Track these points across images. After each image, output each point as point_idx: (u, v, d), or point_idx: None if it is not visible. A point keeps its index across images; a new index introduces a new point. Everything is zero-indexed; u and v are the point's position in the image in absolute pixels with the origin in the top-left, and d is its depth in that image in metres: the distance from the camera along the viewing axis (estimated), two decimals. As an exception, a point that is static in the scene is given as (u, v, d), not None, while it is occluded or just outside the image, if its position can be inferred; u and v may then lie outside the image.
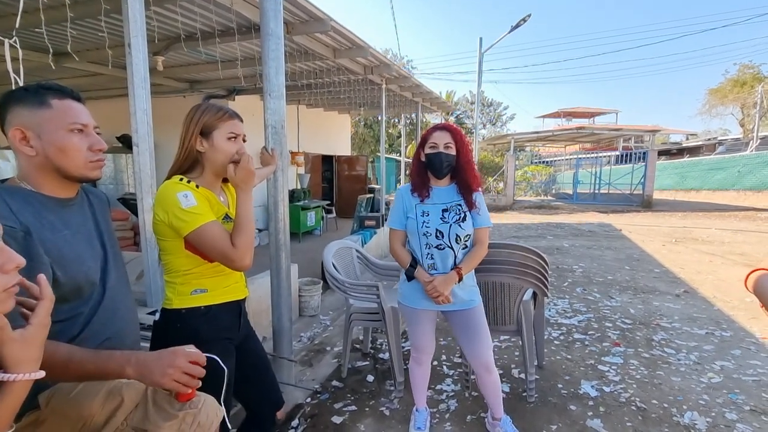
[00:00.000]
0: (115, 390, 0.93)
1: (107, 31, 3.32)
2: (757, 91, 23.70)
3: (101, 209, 1.11)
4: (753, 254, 6.25)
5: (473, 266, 1.79)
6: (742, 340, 3.14)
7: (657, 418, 2.15)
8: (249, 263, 1.22)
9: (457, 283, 1.74)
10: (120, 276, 1.06)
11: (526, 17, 11.17)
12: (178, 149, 1.28)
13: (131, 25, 2.00)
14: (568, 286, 4.64)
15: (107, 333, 0.98)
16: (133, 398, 0.95)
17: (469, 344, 1.85)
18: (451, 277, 1.72)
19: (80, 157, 0.97)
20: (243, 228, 1.21)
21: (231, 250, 1.17)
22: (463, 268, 1.74)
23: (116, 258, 1.06)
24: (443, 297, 1.71)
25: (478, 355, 1.83)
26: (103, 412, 0.91)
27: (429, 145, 1.76)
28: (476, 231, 1.79)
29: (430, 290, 1.72)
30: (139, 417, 0.94)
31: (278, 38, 2.07)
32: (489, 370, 1.84)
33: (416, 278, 1.78)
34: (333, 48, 4.90)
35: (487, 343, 1.83)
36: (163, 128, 3.54)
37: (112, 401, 0.92)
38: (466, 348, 1.87)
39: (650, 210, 13.59)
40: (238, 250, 1.18)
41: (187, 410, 0.95)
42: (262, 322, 3.16)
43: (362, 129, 21.74)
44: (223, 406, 1.04)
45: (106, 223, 1.09)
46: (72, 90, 0.99)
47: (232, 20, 3.70)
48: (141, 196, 2.14)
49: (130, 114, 2.04)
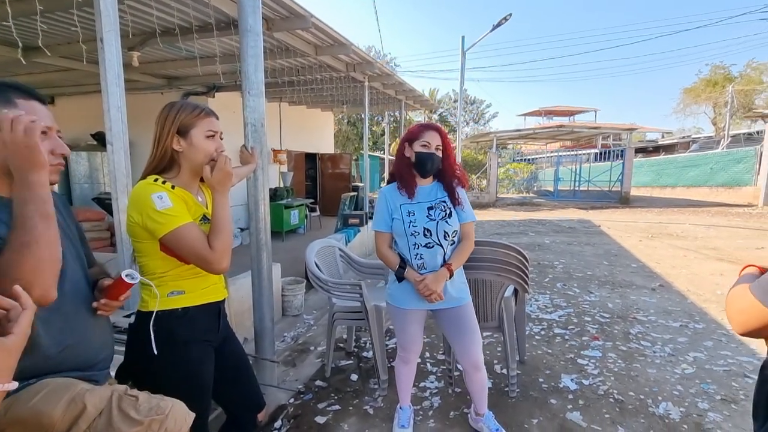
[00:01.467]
0: (78, 397, 0.90)
1: (80, 25, 3.20)
2: (727, 91, 24.58)
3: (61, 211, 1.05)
4: (725, 248, 6.48)
5: (462, 261, 1.80)
6: (714, 331, 3.26)
7: (633, 410, 2.21)
8: (226, 266, 1.20)
9: (448, 280, 1.75)
10: (80, 279, 1.02)
11: (507, 16, 11.29)
12: (152, 149, 1.25)
13: (103, 20, 1.93)
14: (549, 281, 4.73)
15: (67, 340, 0.95)
16: (97, 405, 0.92)
17: (459, 342, 1.85)
18: (442, 274, 1.72)
19: None
20: (220, 230, 1.19)
21: (208, 253, 1.15)
22: (452, 264, 1.74)
23: (76, 262, 1.02)
24: (435, 295, 1.71)
25: (468, 353, 1.84)
26: (65, 420, 0.88)
27: (421, 143, 1.74)
28: (462, 226, 1.80)
29: (422, 289, 1.71)
30: (102, 424, 0.91)
31: (257, 35, 2.03)
32: (477, 368, 1.86)
33: (406, 279, 1.77)
34: (315, 45, 4.86)
35: (477, 341, 1.84)
36: (140, 126, 3.44)
37: (74, 409, 0.89)
38: (456, 345, 1.88)
39: (628, 206, 13.97)
40: (215, 253, 1.16)
41: (153, 417, 0.93)
42: (245, 323, 3.12)
43: (346, 126, 21.66)
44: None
45: (68, 225, 1.05)
46: (37, 92, 0.95)
47: (210, 15, 3.62)
48: (116, 196, 2.08)
49: (104, 111, 1.97)
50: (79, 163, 6.75)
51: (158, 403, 0.98)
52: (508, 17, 10.96)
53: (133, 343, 1.25)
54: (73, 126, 7.64)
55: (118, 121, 2.01)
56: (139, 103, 4.75)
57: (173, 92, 6.79)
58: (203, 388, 1.27)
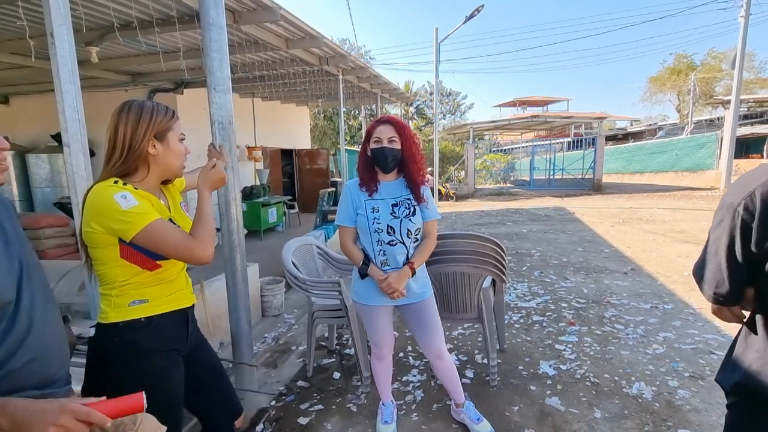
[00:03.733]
0: None
1: (26, 18, 2.99)
2: (690, 79, 25.57)
3: (6, 215, 0.96)
4: (690, 231, 6.77)
5: (424, 259, 1.81)
6: (681, 311, 3.40)
7: (609, 391, 2.28)
8: (210, 253, 1.17)
9: (411, 277, 1.75)
10: (40, 291, 0.95)
11: (479, 8, 11.34)
12: (112, 151, 1.17)
13: (53, 13, 1.81)
14: (526, 270, 4.82)
15: (27, 354, 0.88)
16: None
17: (422, 335, 1.89)
18: (404, 272, 1.73)
19: None
20: (204, 221, 1.20)
21: (189, 241, 1.14)
22: (415, 262, 1.75)
23: (33, 271, 0.95)
24: (398, 293, 1.71)
25: (430, 345, 1.88)
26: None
27: (373, 139, 1.73)
28: (425, 224, 1.80)
29: (384, 287, 1.72)
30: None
31: (220, 28, 1.95)
32: (441, 357, 1.89)
33: (370, 275, 1.77)
34: (285, 38, 4.74)
35: (439, 334, 1.88)
36: (104, 125, 3.27)
37: None
38: (419, 338, 1.92)
39: (600, 193, 14.40)
40: (197, 239, 1.15)
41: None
42: (222, 326, 3.05)
43: (322, 121, 21.37)
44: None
45: (16, 231, 0.96)
46: None
47: (171, 8, 3.46)
48: (76, 201, 1.96)
49: (58, 111, 1.85)
50: (40, 165, 6.40)
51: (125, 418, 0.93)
52: (480, 9, 11.02)
53: (94, 358, 1.18)
54: (31, 127, 7.23)
55: (74, 122, 1.90)
56: (102, 101, 4.52)
57: (138, 89, 6.51)
58: (173, 399, 1.22)
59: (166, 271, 1.21)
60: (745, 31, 12.17)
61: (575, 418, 2.07)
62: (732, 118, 12.62)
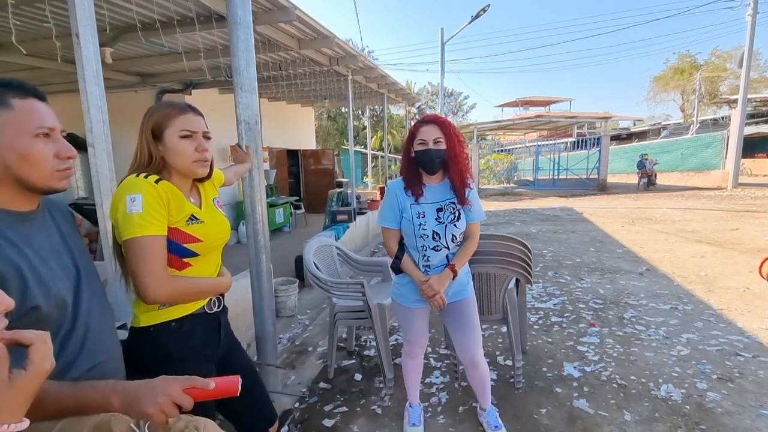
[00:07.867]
0: (103, 423, 0.83)
1: (52, 20, 2.98)
2: (695, 79, 25.48)
3: (66, 222, 0.97)
4: (702, 231, 6.72)
5: (465, 261, 1.77)
6: (702, 312, 3.36)
7: (637, 394, 2.25)
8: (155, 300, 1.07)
9: (452, 280, 1.72)
10: (96, 296, 0.93)
11: (486, 8, 11.32)
12: (135, 154, 1.17)
13: (79, 13, 1.79)
14: (540, 270, 4.79)
15: (86, 362, 0.86)
16: None
17: (459, 337, 1.83)
18: (445, 275, 1.69)
19: (47, 167, 0.83)
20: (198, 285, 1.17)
21: (155, 278, 1.04)
22: (456, 264, 1.71)
23: (90, 277, 0.93)
24: (438, 296, 1.68)
25: (465, 350, 1.82)
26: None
27: (417, 141, 1.67)
28: (469, 225, 1.76)
29: (425, 289, 1.68)
30: None
31: (247, 27, 1.94)
32: (475, 365, 1.83)
33: (404, 272, 1.75)
34: (298, 38, 4.72)
35: (476, 338, 1.82)
36: (114, 125, 3.25)
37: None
38: (456, 341, 1.86)
39: (606, 193, 14.34)
40: (167, 285, 1.06)
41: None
42: (239, 327, 3.02)
43: (325, 121, 21.38)
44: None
45: (74, 237, 0.95)
46: (35, 87, 0.84)
47: (190, 9, 3.45)
48: (101, 202, 1.94)
49: (83, 112, 1.83)
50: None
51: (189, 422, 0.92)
52: (486, 8, 10.99)
53: (129, 362, 1.16)
54: (40, 128, 7.24)
55: (99, 122, 1.87)
56: (113, 102, 4.50)
57: (147, 90, 6.50)
58: (204, 407, 1.20)
59: (196, 270, 1.19)
60: (752, 30, 12.12)
61: (605, 421, 2.04)
62: (739, 118, 12.57)
